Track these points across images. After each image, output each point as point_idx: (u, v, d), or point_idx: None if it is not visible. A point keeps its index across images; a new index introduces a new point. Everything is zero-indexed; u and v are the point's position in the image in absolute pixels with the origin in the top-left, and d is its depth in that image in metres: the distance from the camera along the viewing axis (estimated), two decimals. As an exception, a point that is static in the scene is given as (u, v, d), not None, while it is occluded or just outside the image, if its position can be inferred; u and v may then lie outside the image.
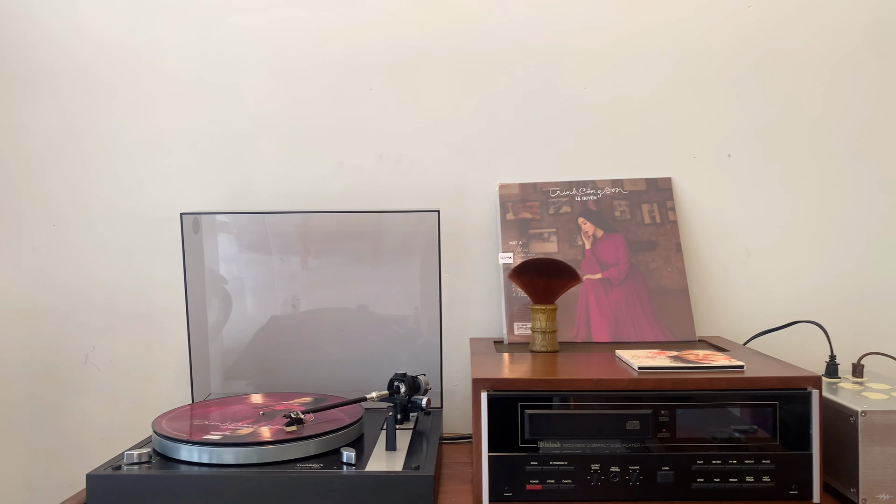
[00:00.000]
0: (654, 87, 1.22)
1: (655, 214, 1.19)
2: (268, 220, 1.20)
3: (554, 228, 1.19)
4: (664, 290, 1.14)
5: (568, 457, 0.81)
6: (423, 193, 1.23)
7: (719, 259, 1.22)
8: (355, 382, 1.18)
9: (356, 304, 1.21)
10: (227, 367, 1.21)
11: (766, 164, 1.22)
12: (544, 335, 1.02)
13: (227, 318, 1.21)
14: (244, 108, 1.23)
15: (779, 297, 1.21)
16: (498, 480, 0.81)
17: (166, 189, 1.23)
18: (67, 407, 1.23)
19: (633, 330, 1.12)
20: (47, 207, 1.23)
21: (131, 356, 1.24)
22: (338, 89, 1.23)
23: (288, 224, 1.20)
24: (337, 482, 0.80)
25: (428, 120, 1.23)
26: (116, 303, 1.23)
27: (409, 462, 0.85)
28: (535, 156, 1.23)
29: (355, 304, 1.21)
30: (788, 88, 1.21)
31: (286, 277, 1.21)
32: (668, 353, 0.94)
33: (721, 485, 0.81)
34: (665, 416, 0.81)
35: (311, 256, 1.21)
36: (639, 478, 0.81)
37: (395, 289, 1.21)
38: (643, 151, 1.22)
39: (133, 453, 0.85)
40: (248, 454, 0.85)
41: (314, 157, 1.23)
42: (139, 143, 1.23)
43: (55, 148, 1.23)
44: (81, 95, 1.23)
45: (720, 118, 1.22)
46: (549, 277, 1.01)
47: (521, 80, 1.22)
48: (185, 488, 0.81)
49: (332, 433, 0.90)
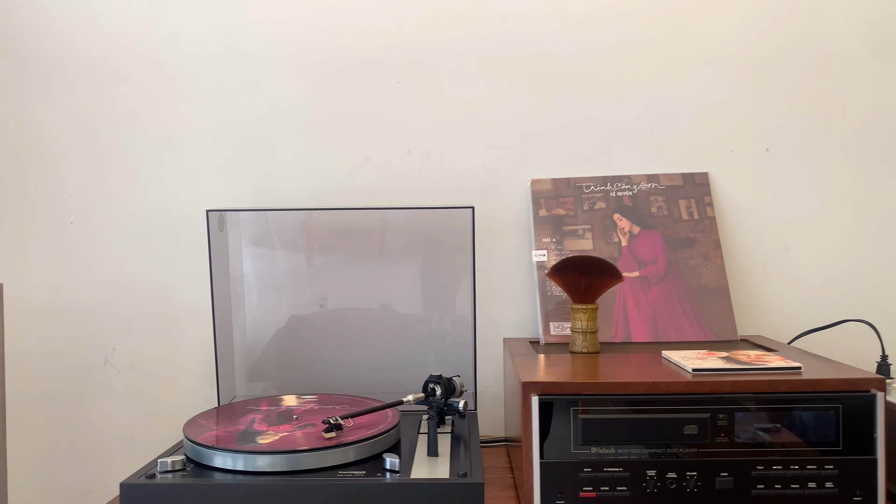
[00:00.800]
0: (689, 79, 1.19)
1: (693, 210, 1.16)
2: (292, 217, 1.16)
3: (589, 225, 1.15)
4: (704, 288, 1.11)
5: (623, 463, 0.78)
6: (452, 189, 1.19)
7: (757, 256, 1.18)
8: (382, 383, 1.15)
9: (383, 302, 1.18)
10: (250, 368, 1.17)
11: (805, 158, 1.18)
12: (585, 335, 0.99)
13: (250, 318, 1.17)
14: (267, 102, 1.19)
15: (819, 295, 1.18)
16: (550, 488, 0.78)
17: (187, 185, 1.19)
18: (87, 409, 1.20)
19: (674, 329, 1.08)
20: (65, 204, 1.20)
21: (152, 357, 1.20)
22: (363, 83, 1.19)
23: (313, 221, 1.16)
24: (383, 490, 0.77)
25: (457, 114, 1.19)
26: (136, 302, 1.20)
27: (454, 468, 0.82)
28: (567, 150, 1.19)
29: (382, 303, 1.18)
30: (828, 81, 1.18)
31: (311, 276, 1.17)
32: (718, 354, 0.90)
33: (782, 491, 0.77)
34: (723, 419, 0.78)
35: (337, 254, 1.17)
36: (696, 484, 0.78)
37: (423, 287, 1.17)
38: (679, 145, 1.19)
39: (167, 461, 0.82)
40: (287, 461, 0.81)
41: (340, 152, 1.19)
42: (159, 139, 1.19)
43: (72, 143, 1.19)
44: (99, 89, 1.19)
45: (758, 111, 1.18)
46: (592, 276, 0.97)
47: (553, 72, 1.19)
48: (222, 497, 0.78)
49: (371, 439, 0.86)
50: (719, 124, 1.19)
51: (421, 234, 1.17)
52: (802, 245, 1.18)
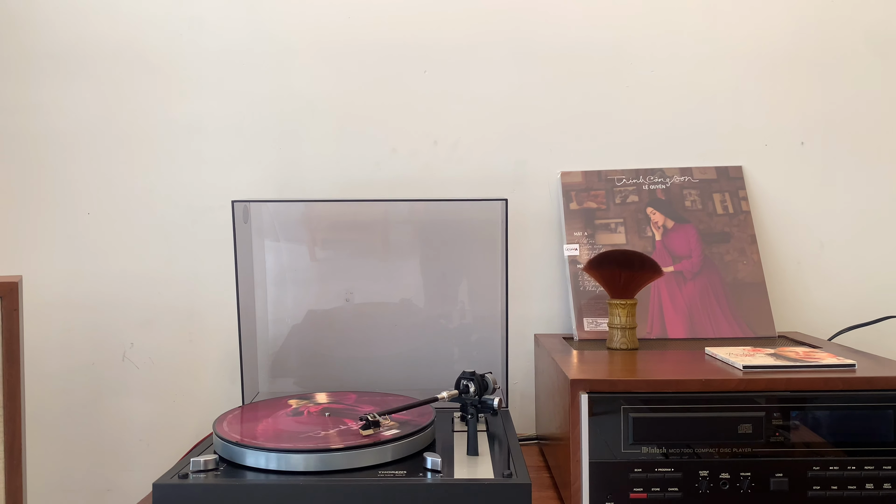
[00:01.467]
0: (722, 71, 1.16)
1: (728, 204, 1.13)
2: (318, 208, 1.13)
3: (621, 219, 1.13)
4: (740, 283, 1.09)
5: (675, 463, 0.75)
6: (479, 181, 1.17)
7: (791, 252, 1.16)
8: (408, 380, 1.12)
9: (409, 297, 1.15)
10: (273, 365, 1.14)
11: (840, 152, 1.16)
12: (624, 332, 0.97)
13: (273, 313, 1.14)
14: (292, 91, 1.16)
15: (853, 293, 1.15)
16: (599, 489, 0.75)
17: (210, 176, 1.16)
18: (104, 406, 1.16)
19: (710, 325, 1.06)
20: (82, 195, 1.16)
21: (172, 353, 1.17)
22: (390, 71, 1.16)
23: (339, 213, 1.13)
24: (427, 491, 0.74)
25: (486, 104, 1.16)
26: (156, 296, 1.17)
27: (497, 468, 0.79)
28: (598, 142, 1.16)
29: (408, 298, 1.15)
30: (865, 75, 1.15)
31: (336, 270, 1.14)
32: (765, 351, 0.88)
33: (839, 493, 0.75)
34: (778, 418, 0.75)
35: (363, 247, 1.14)
36: (750, 485, 0.75)
37: (450, 281, 1.14)
38: (712, 138, 1.16)
39: (199, 460, 0.79)
40: (323, 460, 0.78)
41: (366, 142, 1.16)
42: (181, 127, 1.16)
43: (91, 131, 1.16)
44: (119, 76, 1.16)
45: (793, 104, 1.16)
46: (632, 270, 0.95)
47: (584, 63, 1.16)
48: (259, 497, 0.75)
49: (409, 437, 0.83)
50: (753, 117, 1.16)
51: (450, 226, 1.14)
52: (837, 241, 1.16)
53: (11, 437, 0.77)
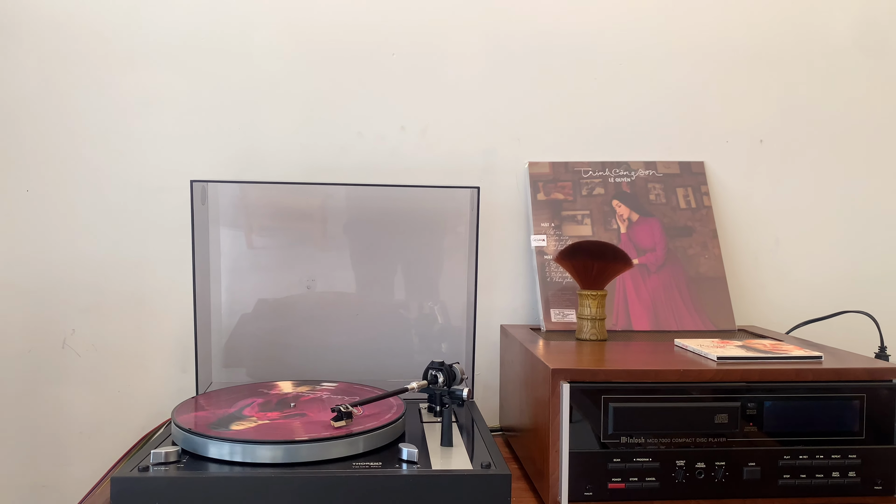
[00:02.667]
0: (687, 68, 1.17)
1: (690, 199, 1.15)
2: (279, 192, 1.09)
3: (588, 210, 1.13)
4: (702, 277, 1.10)
5: (653, 453, 0.75)
6: (447, 169, 1.14)
7: (749, 247, 1.19)
8: (370, 370, 1.09)
9: (372, 285, 1.12)
10: (226, 354, 1.09)
11: (798, 151, 1.19)
12: (593, 323, 0.96)
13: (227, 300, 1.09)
14: (254, 68, 1.11)
15: (808, 288, 1.19)
16: (578, 479, 0.75)
17: (162, 155, 1.10)
18: (41, 397, 1.09)
19: (673, 318, 1.07)
20: (21, 169, 1.08)
21: (117, 340, 1.10)
22: (358, 52, 1.12)
23: (302, 197, 1.09)
24: (404, 483, 0.72)
25: (456, 91, 1.14)
26: (101, 281, 1.10)
27: (474, 459, 0.77)
28: (565, 133, 1.16)
29: (371, 286, 1.12)
30: (822, 75, 1.19)
31: (296, 256, 1.10)
32: (734, 343, 0.89)
33: (807, 481, 0.77)
34: (752, 408, 0.76)
35: (325, 233, 1.10)
36: (724, 474, 0.76)
37: (414, 271, 1.12)
38: (676, 134, 1.18)
39: (160, 452, 0.74)
40: (293, 452, 0.75)
41: (331, 125, 1.12)
42: (132, 102, 1.09)
43: (31, 103, 1.08)
44: (64, 45, 1.08)
45: (753, 103, 1.18)
46: (605, 261, 0.94)
47: (555, 54, 1.15)
48: (225, 491, 0.71)
49: (382, 428, 0.81)
50: (715, 114, 1.18)
51: (416, 214, 1.11)
52: (793, 237, 1.19)
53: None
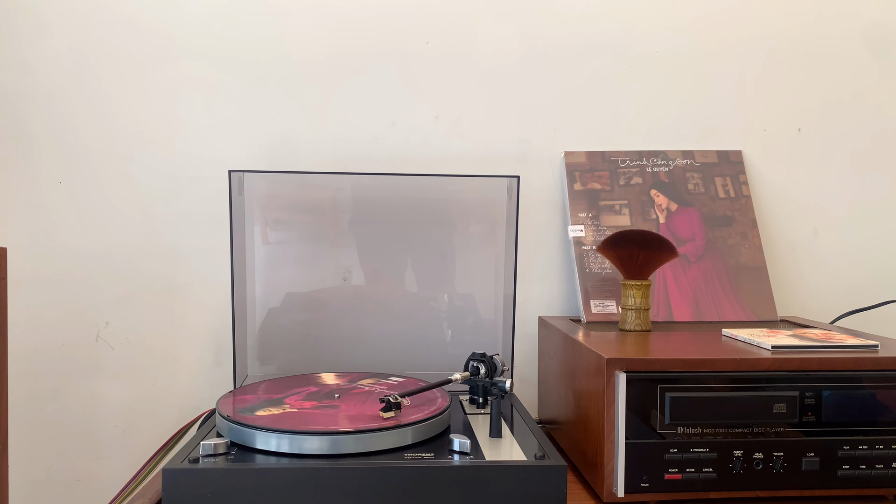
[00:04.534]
0: (725, 55, 1.16)
1: (729, 188, 1.13)
2: (314, 182, 1.07)
3: (626, 200, 1.11)
4: (742, 267, 1.09)
5: (710, 443, 0.74)
6: (482, 159, 1.13)
7: (787, 238, 1.17)
8: (402, 363, 1.08)
9: (408, 277, 1.10)
10: (261, 346, 1.08)
11: (836, 140, 1.17)
12: (638, 313, 0.95)
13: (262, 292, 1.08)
14: (287, 58, 1.10)
15: (847, 278, 1.17)
16: (635, 470, 0.73)
17: (195, 145, 1.09)
18: (75, 390, 1.08)
19: (715, 309, 1.06)
20: (53, 162, 1.07)
21: (151, 333, 1.09)
22: (391, 41, 1.11)
23: (337, 187, 1.08)
24: (459, 474, 0.70)
25: (490, 80, 1.13)
26: (134, 273, 1.08)
27: (526, 450, 0.76)
28: (601, 122, 1.14)
29: (407, 278, 1.10)
30: (863, 63, 1.17)
31: (332, 247, 1.08)
32: (784, 332, 0.88)
33: (867, 472, 0.75)
34: (811, 398, 0.75)
35: (361, 224, 1.09)
36: (783, 465, 0.74)
37: (447, 262, 1.11)
38: (713, 122, 1.16)
39: (209, 443, 0.73)
40: (341, 443, 0.73)
41: (364, 115, 1.11)
42: (164, 91, 1.08)
43: (64, 93, 1.07)
44: (97, 33, 1.07)
45: (792, 91, 1.17)
46: (650, 250, 0.93)
47: (591, 43, 1.14)
48: (275, 482, 0.69)
49: (430, 419, 0.79)
50: (754, 103, 1.16)
51: (450, 205, 1.10)
52: (832, 228, 1.17)
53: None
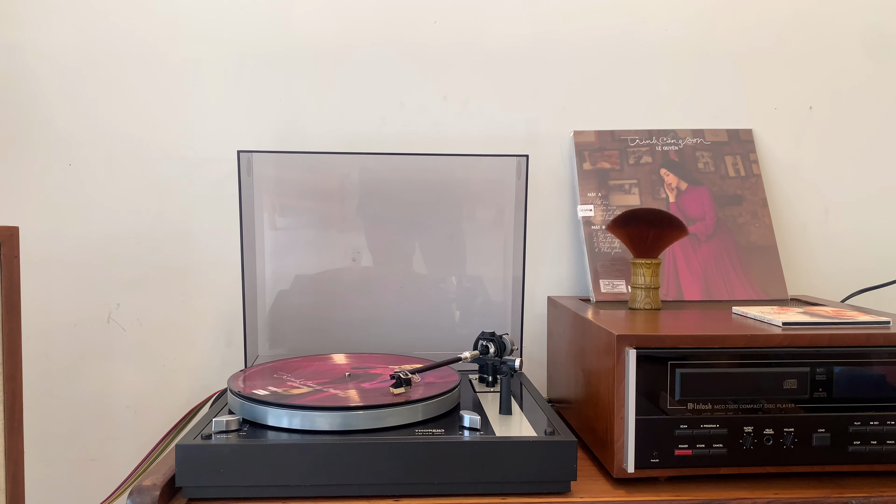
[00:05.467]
0: (734, 33, 1.15)
1: (740, 167, 1.12)
2: (322, 163, 1.07)
3: (635, 180, 1.11)
4: (753, 246, 1.08)
5: (720, 419, 0.74)
6: (491, 139, 1.13)
7: (798, 217, 1.16)
8: (412, 343, 1.08)
9: (416, 258, 1.10)
10: (272, 327, 1.08)
11: (848, 117, 1.16)
12: (647, 291, 0.95)
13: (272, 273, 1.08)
14: (295, 38, 1.09)
15: (857, 257, 1.17)
16: (645, 446, 0.73)
17: (205, 126, 1.09)
18: (88, 371, 1.09)
19: (725, 288, 1.05)
20: (63, 143, 1.07)
21: (162, 314, 1.10)
22: (399, 20, 1.10)
23: (345, 168, 1.08)
24: (470, 449, 0.71)
25: (498, 59, 1.12)
26: (145, 254, 1.09)
27: (536, 426, 0.76)
28: (611, 101, 1.14)
29: (415, 258, 1.10)
30: (875, 41, 1.16)
31: (341, 228, 1.09)
32: (795, 310, 0.88)
33: (878, 447, 0.75)
34: (822, 374, 0.75)
35: (369, 205, 1.09)
36: (793, 441, 0.74)
37: (456, 243, 1.11)
38: (723, 101, 1.15)
39: (222, 420, 0.73)
40: (352, 419, 0.74)
41: (372, 96, 1.11)
42: (173, 72, 1.08)
43: (72, 75, 1.07)
44: (104, 14, 1.07)
45: (803, 69, 1.16)
46: (661, 228, 0.93)
47: (600, 20, 1.13)
48: (288, 458, 0.70)
49: (440, 396, 0.80)
50: (764, 80, 1.15)
51: (458, 185, 1.09)
52: (842, 207, 1.17)
53: (12, 397, 0.70)
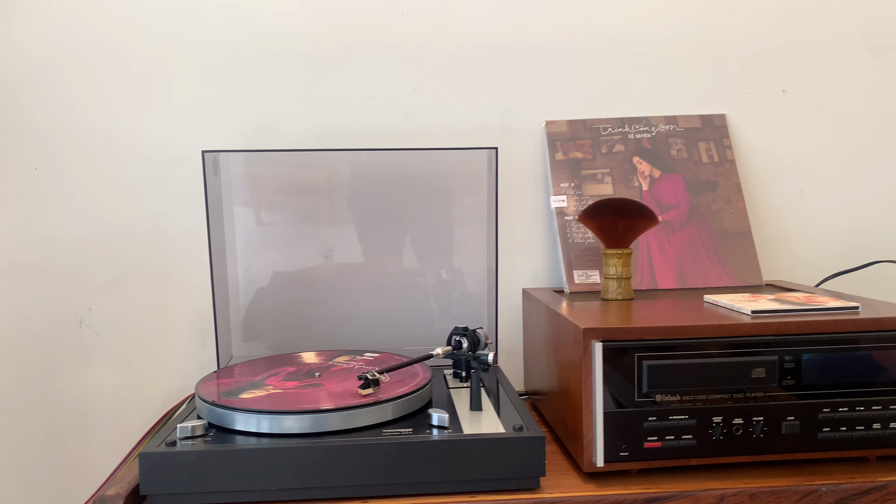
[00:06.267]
0: (706, 17, 1.13)
1: (713, 153, 1.12)
2: (293, 159, 1.06)
3: (608, 169, 1.10)
4: (727, 232, 1.08)
5: (689, 410, 0.74)
6: (463, 130, 1.12)
7: (773, 201, 1.16)
8: (392, 338, 1.08)
9: (391, 253, 1.10)
10: (246, 326, 1.08)
11: (821, 100, 1.16)
12: (619, 282, 0.94)
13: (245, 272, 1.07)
14: (261, 33, 1.08)
15: (833, 240, 1.16)
16: (613, 439, 0.73)
17: (174, 125, 1.07)
18: (62, 377, 1.08)
19: (700, 275, 1.05)
20: (30, 146, 1.06)
21: (135, 317, 1.09)
22: (366, 12, 1.09)
23: (315, 165, 1.07)
24: (437, 448, 0.70)
25: (468, 49, 1.11)
26: (117, 257, 1.08)
27: (505, 422, 0.76)
28: (583, 90, 1.13)
29: (390, 254, 1.10)
30: (849, 24, 1.15)
31: (313, 225, 1.08)
32: (766, 297, 0.87)
33: (848, 433, 0.75)
34: (790, 362, 0.74)
35: (341, 201, 1.08)
36: (763, 429, 0.74)
37: (432, 236, 1.10)
38: (696, 86, 1.14)
39: (187, 426, 0.73)
40: (321, 421, 0.73)
41: (342, 90, 1.10)
42: (140, 72, 1.06)
43: (38, 76, 1.05)
44: (70, 14, 1.05)
45: (775, 51, 1.15)
46: (630, 218, 0.92)
47: (570, 6, 1.12)
48: (254, 462, 0.70)
49: (410, 395, 0.79)
50: (736, 64, 1.14)
51: (432, 179, 1.09)
52: (818, 190, 1.16)
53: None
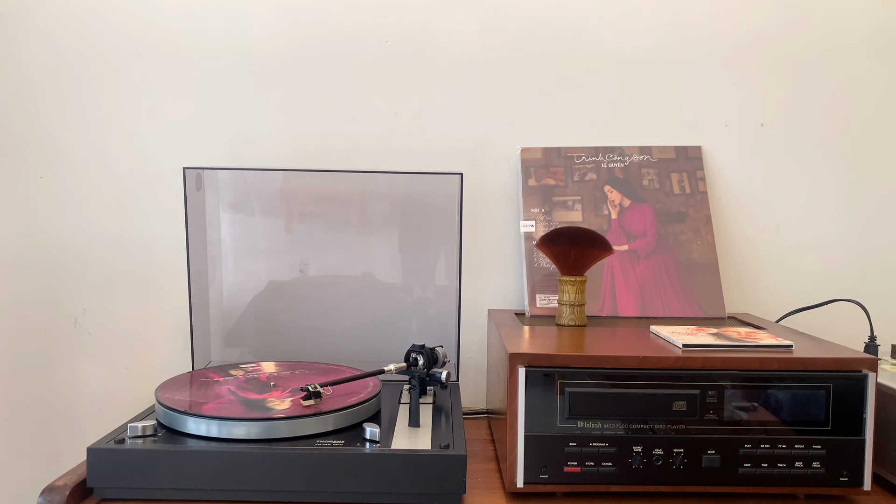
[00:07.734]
0: (685, 50, 1.15)
1: (685, 184, 1.13)
2: (273, 178, 1.12)
3: (579, 196, 1.13)
4: (693, 263, 1.09)
5: (609, 438, 0.76)
6: (440, 154, 1.16)
7: (747, 233, 1.17)
8: (363, 352, 1.12)
9: (364, 270, 1.14)
10: (227, 334, 1.14)
11: (799, 136, 1.16)
12: (573, 308, 0.97)
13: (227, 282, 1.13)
14: (250, 56, 1.14)
15: (807, 275, 1.16)
16: (533, 462, 0.76)
17: (166, 140, 1.14)
18: (56, 371, 1.16)
19: (661, 304, 1.07)
20: (34, 157, 1.14)
21: (125, 319, 1.16)
22: (352, 38, 1.14)
23: (295, 183, 1.12)
24: (362, 461, 0.74)
25: (448, 76, 1.15)
26: (110, 262, 1.15)
27: (435, 440, 0.79)
28: (559, 119, 1.16)
29: (364, 271, 1.14)
30: (827, 61, 1.15)
31: (291, 240, 1.13)
32: (709, 331, 0.89)
33: (769, 470, 0.76)
34: (713, 396, 0.76)
35: (318, 219, 1.13)
36: (683, 461, 0.76)
37: (406, 255, 1.14)
38: (673, 117, 1.16)
39: (137, 425, 0.78)
40: (262, 429, 0.78)
41: (325, 111, 1.15)
42: (137, 89, 1.14)
43: (43, 91, 1.14)
44: (74, 34, 1.13)
45: (755, 86, 1.16)
46: (582, 247, 0.95)
47: (549, 37, 1.15)
48: (195, 464, 0.75)
49: (350, 408, 0.84)
50: (715, 97, 1.16)
51: (406, 200, 1.13)
52: (794, 224, 1.17)
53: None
